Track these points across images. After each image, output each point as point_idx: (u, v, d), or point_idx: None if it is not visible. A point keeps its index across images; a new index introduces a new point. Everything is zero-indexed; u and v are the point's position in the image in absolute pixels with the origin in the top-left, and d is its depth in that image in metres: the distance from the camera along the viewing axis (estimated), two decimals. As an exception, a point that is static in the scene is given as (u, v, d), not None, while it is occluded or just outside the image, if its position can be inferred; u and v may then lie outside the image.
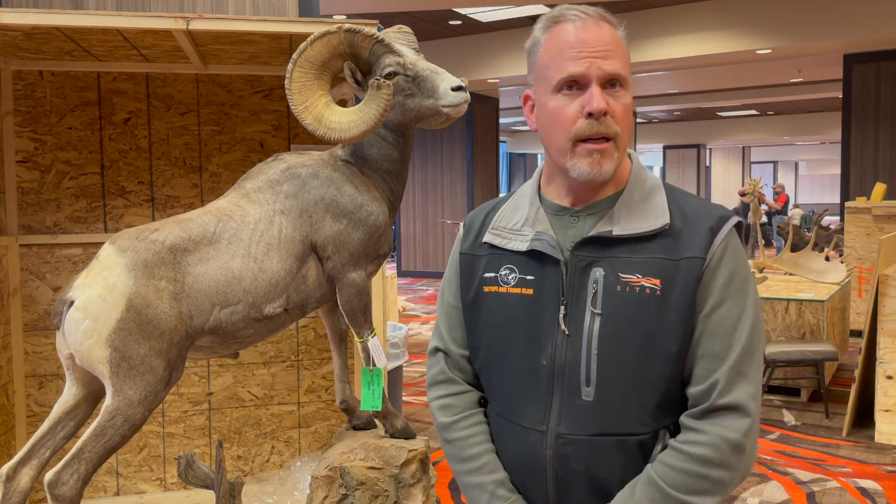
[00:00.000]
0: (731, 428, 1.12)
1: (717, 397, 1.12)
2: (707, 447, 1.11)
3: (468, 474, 1.28)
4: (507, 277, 1.25)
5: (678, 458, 1.13)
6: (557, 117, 1.17)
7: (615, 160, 1.16)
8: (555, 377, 1.18)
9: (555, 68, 1.16)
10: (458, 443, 1.30)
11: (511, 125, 20.17)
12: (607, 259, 1.17)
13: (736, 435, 1.11)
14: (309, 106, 1.99)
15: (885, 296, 4.13)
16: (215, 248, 2.00)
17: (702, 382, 1.14)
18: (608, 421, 1.16)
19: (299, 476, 2.79)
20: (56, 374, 2.84)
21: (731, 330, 1.14)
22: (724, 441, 1.11)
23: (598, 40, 1.15)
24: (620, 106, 1.15)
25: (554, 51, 1.17)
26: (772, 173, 29.56)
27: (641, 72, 11.22)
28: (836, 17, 8.47)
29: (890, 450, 4.10)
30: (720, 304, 1.14)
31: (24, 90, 2.80)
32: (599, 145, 1.15)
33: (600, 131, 1.14)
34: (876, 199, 7.11)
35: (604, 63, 1.13)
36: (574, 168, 1.17)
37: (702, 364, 1.14)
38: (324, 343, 3.08)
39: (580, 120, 1.14)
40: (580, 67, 1.13)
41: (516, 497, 1.24)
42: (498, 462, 1.27)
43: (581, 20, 1.16)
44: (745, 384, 1.13)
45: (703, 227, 1.17)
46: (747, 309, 1.15)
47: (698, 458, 1.11)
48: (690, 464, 1.12)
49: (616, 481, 1.16)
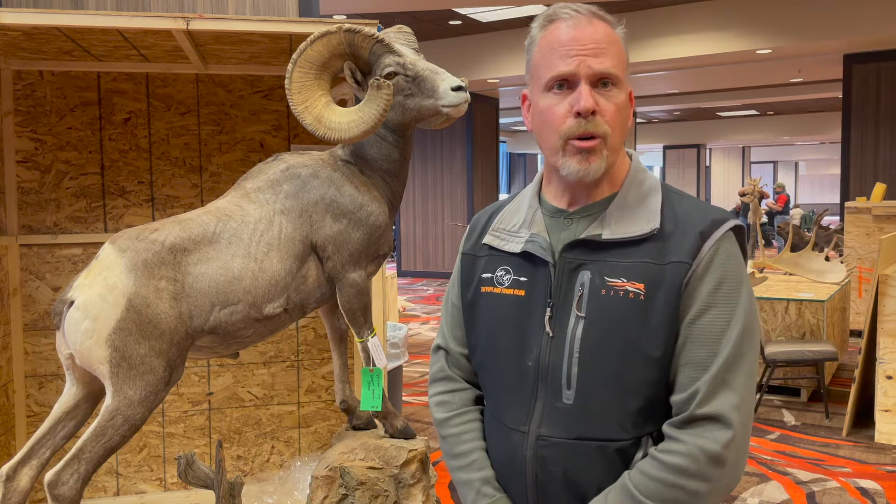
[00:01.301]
0: (711, 439, 1.08)
1: (697, 407, 1.09)
2: (683, 457, 1.09)
3: (458, 470, 1.29)
4: (503, 278, 1.25)
5: (654, 467, 1.10)
6: (548, 116, 1.17)
7: (605, 159, 1.16)
8: (539, 379, 1.18)
9: (545, 67, 1.16)
10: (451, 439, 1.32)
11: (511, 125, 20.16)
12: (595, 262, 1.17)
13: (715, 446, 1.08)
14: (309, 106, 1.99)
15: (885, 296, 4.13)
16: (215, 248, 2.00)
17: (683, 391, 1.11)
18: (588, 425, 1.14)
19: (299, 476, 2.79)
20: (56, 374, 2.84)
21: (716, 338, 1.11)
22: (701, 452, 1.08)
23: (590, 38, 1.14)
24: (612, 105, 1.14)
25: (546, 49, 1.17)
26: (772, 173, 29.55)
27: (641, 72, 11.21)
28: (836, 17, 8.47)
29: (890, 450, 4.10)
30: (706, 310, 1.12)
31: (24, 90, 2.80)
32: (587, 143, 1.14)
33: (588, 130, 1.13)
34: (876, 199, 7.11)
35: (593, 61, 1.13)
36: (564, 167, 1.17)
37: (685, 372, 1.12)
38: (324, 343, 3.08)
39: (569, 119, 1.14)
40: (569, 66, 1.13)
41: (501, 496, 1.24)
42: (487, 460, 1.28)
43: (573, 18, 1.15)
44: (728, 394, 1.09)
45: (693, 231, 1.15)
46: (736, 316, 1.12)
47: (673, 467, 1.09)
48: (665, 473, 1.09)
49: (594, 486, 1.15)
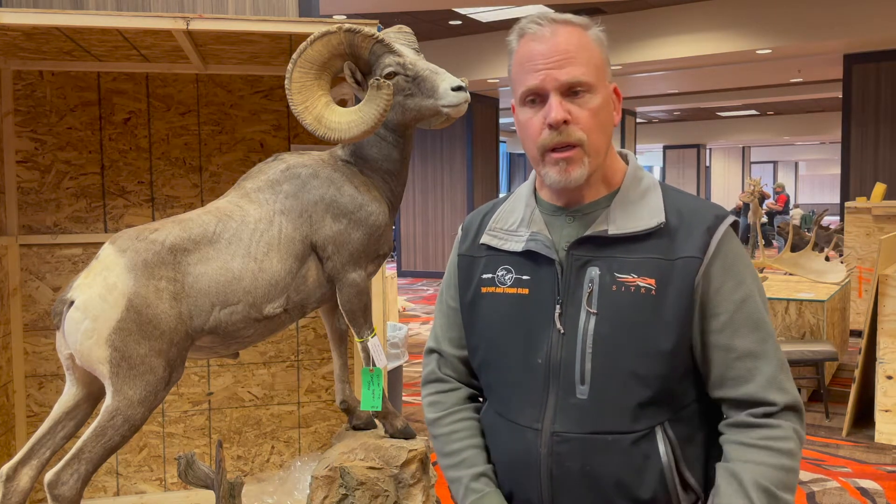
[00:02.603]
0: (797, 420, 1.16)
1: (780, 399, 1.15)
2: (791, 441, 1.14)
3: (449, 468, 1.31)
4: (504, 278, 1.26)
5: (770, 455, 1.13)
6: (525, 129, 1.20)
7: (586, 165, 1.17)
8: (550, 376, 1.19)
9: (517, 82, 1.20)
10: (442, 438, 1.33)
11: (511, 125, 20.13)
12: (603, 258, 1.18)
13: (802, 427, 1.16)
14: (309, 106, 1.99)
15: (885, 296, 4.13)
16: (215, 248, 2.00)
17: (750, 381, 1.15)
18: (603, 419, 1.16)
19: (299, 476, 2.79)
20: (56, 374, 2.84)
21: (756, 324, 1.17)
22: (796, 434, 1.15)
23: (553, 50, 1.15)
24: (585, 112, 1.16)
25: (517, 65, 1.20)
26: (772, 173, 29.56)
27: (641, 72, 11.21)
28: (836, 17, 8.47)
29: (890, 450, 4.10)
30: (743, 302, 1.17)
31: (24, 90, 2.80)
32: (564, 153, 1.16)
33: (562, 140, 1.16)
34: (876, 199, 7.11)
35: (559, 73, 1.14)
36: (546, 176, 1.19)
37: (744, 363, 1.16)
38: (324, 343, 3.08)
39: (544, 131, 1.16)
40: (535, 80, 1.16)
41: (491, 490, 1.25)
42: (479, 457, 1.29)
43: (537, 32, 1.17)
44: (786, 377, 1.16)
45: (699, 226, 1.18)
46: (762, 299, 1.19)
47: (787, 452, 1.13)
48: (783, 458, 1.13)
49: (611, 479, 1.16)
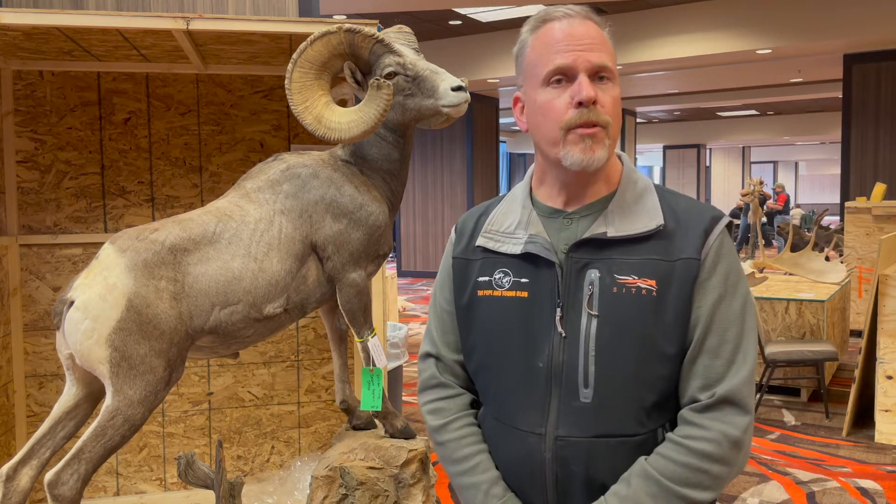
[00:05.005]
0: (732, 424, 1.13)
1: (718, 392, 1.14)
2: (708, 442, 1.13)
3: (461, 475, 1.28)
4: (502, 281, 1.24)
5: (679, 452, 1.14)
6: (547, 110, 1.18)
7: (607, 147, 1.17)
8: (552, 379, 1.18)
9: (542, 64, 1.18)
10: (450, 444, 1.30)
11: (511, 125, 20.15)
12: (602, 260, 1.18)
13: (737, 431, 1.13)
14: (309, 106, 1.99)
15: (885, 296, 4.13)
16: (215, 248, 2.00)
17: (700, 377, 1.16)
18: (607, 422, 1.16)
19: (299, 476, 2.78)
20: (56, 374, 2.84)
21: (727, 326, 1.16)
22: (724, 437, 1.13)
23: (585, 34, 1.17)
24: (609, 98, 1.17)
25: (541, 48, 1.19)
26: (772, 173, 29.56)
27: (641, 72, 11.21)
28: (836, 17, 8.47)
29: (890, 450, 4.10)
30: (720, 300, 1.16)
31: (24, 90, 2.80)
32: (591, 129, 1.15)
33: (591, 119, 1.15)
34: (876, 199, 7.11)
35: (591, 55, 1.16)
36: (567, 156, 1.17)
37: (700, 360, 1.16)
38: (324, 343, 3.08)
39: (570, 110, 1.15)
40: (567, 59, 1.15)
41: (510, 496, 1.24)
42: (491, 462, 1.27)
43: (567, 18, 1.19)
44: (741, 379, 1.15)
45: (696, 228, 1.18)
46: (747, 303, 1.18)
47: (699, 452, 1.13)
48: (691, 458, 1.13)
49: (615, 481, 1.16)
